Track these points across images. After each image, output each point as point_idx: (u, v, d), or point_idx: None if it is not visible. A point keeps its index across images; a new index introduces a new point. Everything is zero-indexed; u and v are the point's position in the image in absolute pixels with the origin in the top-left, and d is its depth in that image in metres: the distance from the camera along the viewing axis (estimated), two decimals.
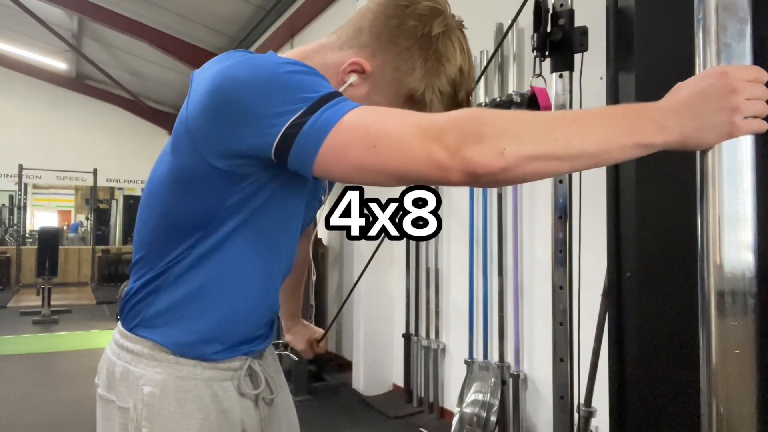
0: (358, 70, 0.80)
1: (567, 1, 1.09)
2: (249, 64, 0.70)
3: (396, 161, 0.63)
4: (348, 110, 0.65)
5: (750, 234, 0.63)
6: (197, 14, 6.16)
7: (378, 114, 0.67)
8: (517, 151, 0.60)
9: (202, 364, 0.86)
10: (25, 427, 3.25)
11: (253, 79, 0.68)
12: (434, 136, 0.62)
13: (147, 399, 0.82)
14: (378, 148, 0.64)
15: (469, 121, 0.62)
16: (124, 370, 0.85)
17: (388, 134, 0.64)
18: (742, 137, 0.63)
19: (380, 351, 3.92)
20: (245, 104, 0.68)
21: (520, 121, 0.62)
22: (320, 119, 0.65)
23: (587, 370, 1.47)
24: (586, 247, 1.32)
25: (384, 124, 0.65)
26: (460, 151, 0.60)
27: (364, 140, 0.64)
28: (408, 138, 0.63)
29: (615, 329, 0.95)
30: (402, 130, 0.63)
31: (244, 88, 0.68)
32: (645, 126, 0.61)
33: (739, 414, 0.63)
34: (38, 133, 10.20)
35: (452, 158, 0.61)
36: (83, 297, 8.63)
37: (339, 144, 0.65)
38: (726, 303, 0.63)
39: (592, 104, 1.23)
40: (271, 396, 0.96)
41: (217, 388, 0.87)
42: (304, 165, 0.68)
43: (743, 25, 0.64)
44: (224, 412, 0.87)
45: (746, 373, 0.63)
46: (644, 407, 0.91)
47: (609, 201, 0.96)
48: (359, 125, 0.65)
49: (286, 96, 0.67)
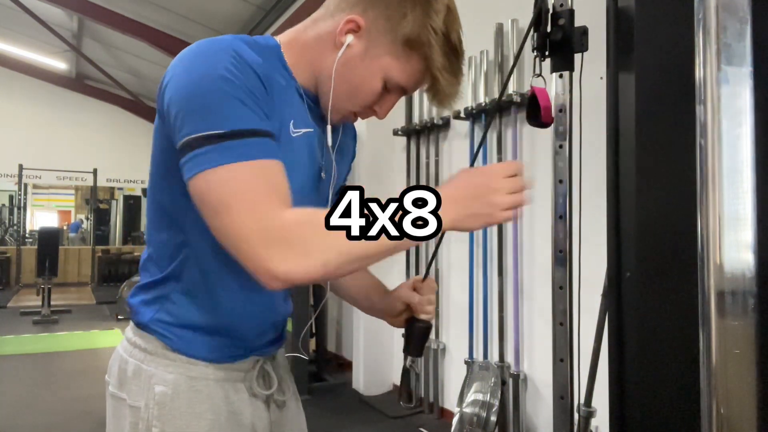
0: (353, 29, 0.81)
1: (567, 1, 1.09)
2: (188, 74, 0.74)
3: (230, 239, 0.71)
4: (220, 164, 0.70)
5: (750, 234, 0.63)
6: (197, 14, 6.16)
7: (234, 187, 0.70)
8: (326, 261, 0.71)
9: (214, 364, 0.86)
10: (25, 427, 3.25)
11: (185, 86, 0.73)
12: (270, 242, 0.69)
13: (158, 398, 0.82)
14: (220, 216, 0.71)
15: (300, 235, 0.71)
16: (136, 368, 0.85)
17: (230, 208, 0.70)
18: (743, 133, 0.63)
19: (380, 351, 3.92)
20: (178, 105, 0.73)
21: (328, 235, 0.71)
22: (199, 157, 0.71)
23: (587, 370, 1.47)
24: (586, 247, 1.32)
25: (234, 201, 0.70)
26: (285, 269, 0.69)
27: (212, 205, 0.71)
28: (247, 233, 0.70)
29: (615, 329, 0.95)
30: (245, 222, 0.70)
31: (178, 94, 0.74)
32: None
33: (739, 414, 0.63)
34: (38, 133, 10.20)
35: (276, 274, 0.69)
36: (83, 297, 8.63)
37: (199, 189, 0.72)
38: (726, 303, 0.63)
39: (592, 104, 1.23)
40: (282, 398, 0.95)
41: (229, 388, 0.87)
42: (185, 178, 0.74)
43: (743, 25, 0.64)
44: (235, 414, 0.87)
45: (746, 373, 0.63)
46: (644, 407, 0.91)
47: (609, 201, 0.96)
48: (212, 190, 0.71)
49: (199, 113, 0.72)
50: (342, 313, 4.56)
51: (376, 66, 0.82)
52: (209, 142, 0.70)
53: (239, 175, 0.70)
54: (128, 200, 11.18)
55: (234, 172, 0.70)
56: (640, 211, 0.92)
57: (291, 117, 0.82)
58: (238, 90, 0.72)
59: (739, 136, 0.64)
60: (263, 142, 0.73)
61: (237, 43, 0.77)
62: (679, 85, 0.86)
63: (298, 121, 0.84)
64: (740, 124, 0.65)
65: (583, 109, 1.17)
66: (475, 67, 3.16)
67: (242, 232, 0.70)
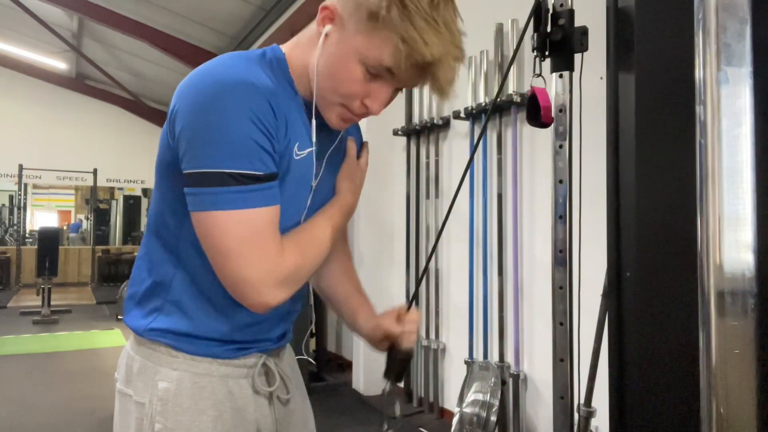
0: (328, 16, 0.79)
1: (567, 1, 1.09)
2: (204, 105, 0.73)
3: (233, 280, 0.77)
4: (232, 209, 0.73)
5: (750, 234, 0.63)
6: (197, 14, 6.16)
7: (243, 233, 0.75)
8: (303, 282, 0.86)
9: (217, 360, 0.87)
10: (25, 427, 3.24)
11: (192, 117, 0.74)
12: (273, 286, 0.77)
13: (162, 394, 0.83)
14: (224, 258, 0.76)
15: (297, 275, 0.81)
16: (142, 365, 0.86)
17: (235, 256, 0.75)
18: (743, 137, 0.63)
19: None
20: (190, 134, 0.74)
21: (313, 259, 0.84)
22: (209, 196, 0.73)
23: (587, 370, 1.47)
24: (586, 247, 1.32)
25: (241, 248, 0.75)
26: (279, 300, 0.79)
27: (217, 247, 0.75)
28: (253, 280, 0.76)
29: (615, 329, 0.95)
30: (252, 270, 0.76)
31: (193, 123, 0.74)
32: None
33: (739, 414, 0.63)
34: (38, 133, 10.20)
35: (270, 306, 0.79)
36: (83, 297, 8.63)
37: (205, 226, 0.76)
38: (726, 303, 0.63)
39: (592, 104, 1.23)
40: (286, 396, 0.95)
41: (233, 385, 0.88)
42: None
43: (743, 25, 0.64)
44: (239, 410, 0.88)
45: (746, 373, 0.63)
46: (644, 407, 0.91)
47: (609, 201, 0.96)
48: (221, 234, 0.74)
49: (213, 147, 0.73)
50: None
51: (350, 47, 0.77)
52: (221, 182, 0.72)
53: (251, 223, 0.74)
54: (128, 200, 11.18)
55: (245, 218, 0.74)
56: (640, 211, 0.92)
57: (296, 139, 0.82)
58: (254, 128, 0.73)
59: (739, 136, 0.64)
60: (271, 187, 0.76)
61: (251, 68, 0.78)
62: (679, 85, 0.86)
63: (302, 142, 0.84)
64: (740, 124, 0.65)
65: (583, 109, 1.17)
66: (475, 67, 3.16)
67: (250, 279, 0.75)
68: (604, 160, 0.97)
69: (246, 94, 0.73)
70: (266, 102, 0.75)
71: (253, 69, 0.78)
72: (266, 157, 0.75)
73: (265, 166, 0.74)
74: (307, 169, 0.86)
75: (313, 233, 0.86)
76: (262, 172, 0.74)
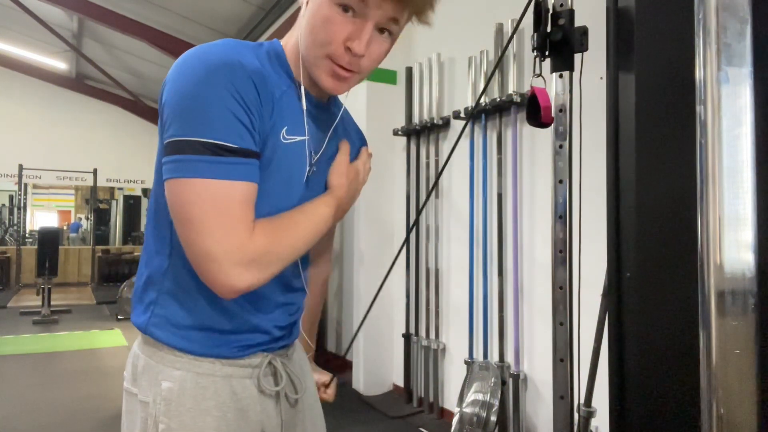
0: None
1: (567, 1, 1.09)
2: (187, 77, 0.75)
3: (197, 254, 0.75)
4: (203, 177, 0.73)
5: (750, 234, 0.63)
6: (197, 14, 6.16)
7: (213, 205, 0.73)
8: (277, 269, 0.80)
9: (221, 360, 0.86)
10: (24, 427, 3.24)
11: (182, 88, 0.75)
12: (240, 265, 0.74)
13: (165, 394, 0.83)
14: (191, 228, 0.74)
15: (266, 256, 0.77)
16: (146, 363, 0.86)
17: (201, 226, 0.73)
18: (743, 133, 0.63)
19: (380, 351, 3.92)
20: (171, 106, 0.76)
21: (287, 246, 0.80)
22: (183, 162, 0.73)
23: (587, 370, 1.47)
24: (586, 247, 1.32)
25: (208, 219, 0.73)
26: (247, 284, 0.76)
27: (185, 215, 0.74)
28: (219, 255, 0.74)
29: (615, 329, 0.95)
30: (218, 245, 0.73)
31: (175, 95, 0.76)
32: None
33: (739, 414, 0.63)
34: (38, 133, 10.19)
35: (237, 290, 0.76)
36: (83, 297, 8.63)
37: (176, 194, 0.75)
38: (726, 303, 0.63)
39: (592, 104, 1.23)
40: (295, 396, 0.95)
41: (237, 385, 0.87)
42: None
43: (743, 25, 0.64)
44: (243, 411, 0.87)
45: (746, 373, 0.63)
46: (644, 407, 0.91)
47: (609, 201, 0.96)
48: (187, 202, 0.74)
49: (191, 117, 0.74)
50: (342, 313, 4.56)
51: (328, 8, 0.78)
52: (195, 150, 0.72)
53: (219, 195, 0.73)
54: (128, 200, 11.17)
55: (215, 189, 0.73)
56: (640, 211, 0.92)
57: (285, 123, 0.83)
58: (234, 103, 0.74)
59: (739, 136, 0.64)
60: (248, 163, 0.76)
61: (239, 48, 0.78)
62: (679, 85, 0.86)
63: (292, 128, 0.84)
64: (740, 124, 0.64)
65: (583, 109, 1.17)
66: (475, 67, 3.16)
67: (214, 254, 0.73)
68: (604, 160, 0.97)
69: (229, 72, 0.74)
70: (249, 80, 0.76)
71: (242, 52, 0.79)
72: (244, 131, 0.75)
73: (241, 140, 0.74)
74: (298, 156, 0.86)
75: (292, 219, 0.83)
76: (237, 145, 0.74)
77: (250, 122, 0.76)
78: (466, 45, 3.28)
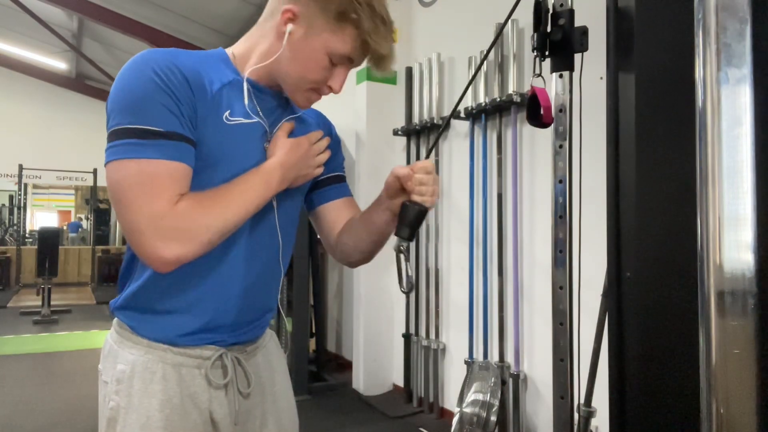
0: (290, 18, 0.91)
1: (567, 1, 1.09)
2: (123, 77, 0.84)
3: (126, 229, 0.83)
4: (130, 158, 0.81)
5: (750, 234, 0.63)
6: (197, 14, 6.16)
7: (138, 180, 0.81)
8: (206, 240, 0.85)
9: (173, 349, 0.94)
10: (25, 427, 3.24)
11: (117, 86, 0.84)
12: (162, 234, 0.81)
13: (118, 375, 0.93)
14: (120, 205, 0.82)
15: (188, 223, 0.83)
16: (110, 348, 0.97)
17: (128, 201, 0.81)
18: (743, 133, 0.63)
19: (380, 351, 3.92)
20: (110, 103, 0.84)
21: (215, 215, 0.86)
22: (115, 147, 0.81)
23: (587, 370, 1.47)
24: (586, 247, 1.32)
25: (133, 195, 0.81)
26: (176, 255, 0.83)
27: (115, 194, 0.82)
28: (142, 226, 0.81)
29: (615, 329, 0.95)
30: (141, 216, 0.81)
31: (112, 93, 0.84)
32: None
33: (739, 414, 0.63)
34: (38, 133, 10.19)
35: (168, 261, 0.83)
36: (83, 297, 8.63)
37: (109, 176, 0.83)
38: (726, 303, 0.63)
39: (592, 104, 1.23)
40: (247, 390, 1.00)
41: (186, 373, 0.94)
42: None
43: (743, 25, 0.64)
44: (191, 397, 0.94)
45: (746, 373, 0.63)
46: (644, 407, 0.91)
47: (609, 201, 0.96)
48: (118, 181, 0.82)
49: (124, 108, 0.82)
50: (342, 313, 4.56)
51: (318, 43, 0.90)
52: (126, 136, 0.81)
53: (144, 171, 0.81)
54: None
55: (141, 167, 0.81)
56: (640, 211, 0.92)
57: (228, 108, 0.91)
58: (162, 93, 0.82)
59: (739, 136, 0.64)
60: (175, 145, 0.83)
61: (174, 51, 0.88)
62: (679, 85, 0.86)
63: (236, 112, 0.92)
64: (740, 124, 0.64)
65: (583, 109, 1.17)
66: (474, 67, 3.16)
67: (138, 225, 0.81)
68: (604, 160, 0.97)
69: (158, 65, 0.83)
70: (179, 72, 0.84)
71: (178, 55, 0.88)
72: (170, 116, 0.82)
73: (166, 124, 0.82)
74: (247, 135, 0.94)
75: (222, 189, 0.89)
76: (163, 128, 0.82)
77: (178, 109, 0.83)
78: (466, 45, 3.27)
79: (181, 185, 0.84)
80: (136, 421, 0.91)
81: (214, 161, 0.90)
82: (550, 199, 1.13)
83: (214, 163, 0.90)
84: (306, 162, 1.00)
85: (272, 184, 0.94)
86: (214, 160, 0.90)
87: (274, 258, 1.02)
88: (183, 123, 0.84)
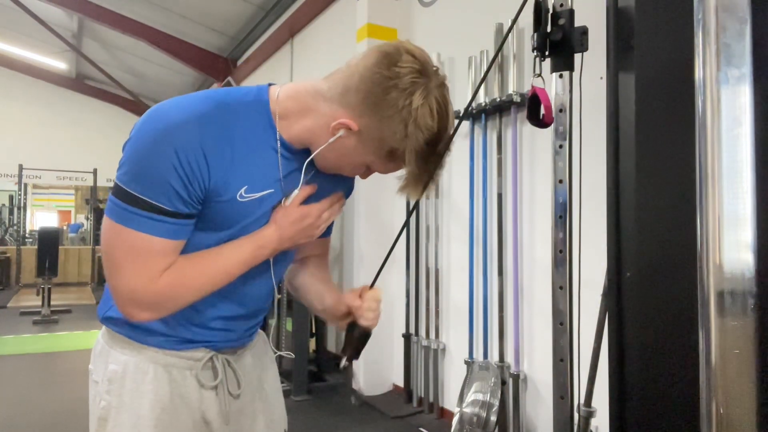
0: (345, 126, 0.88)
1: (567, 1, 1.09)
2: (145, 136, 0.84)
3: (110, 286, 0.89)
4: (131, 228, 0.84)
5: (750, 234, 0.63)
6: (197, 14, 6.16)
7: (132, 251, 0.85)
8: (180, 308, 0.91)
9: (164, 351, 0.96)
10: (25, 427, 3.25)
11: (134, 145, 0.85)
12: (136, 306, 0.87)
13: (110, 375, 0.95)
14: (110, 264, 0.87)
15: (162, 302, 0.88)
16: (102, 348, 0.99)
17: (116, 266, 0.86)
18: (743, 133, 0.63)
19: (380, 351, 3.92)
20: (126, 153, 0.86)
21: (191, 289, 0.90)
22: (119, 208, 0.84)
23: (587, 370, 1.47)
24: (586, 247, 1.32)
25: (125, 262, 0.86)
26: (144, 319, 0.89)
27: (109, 252, 0.86)
28: (123, 293, 0.87)
29: (615, 329, 0.95)
30: (125, 284, 0.86)
31: (131, 147, 0.85)
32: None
33: (739, 414, 0.63)
34: (38, 133, 10.20)
35: (137, 320, 0.90)
36: (83, 297, 8.63)
37: (106, 229, 0.87)
38: (726, 303, 0.63)
39: (592, 104, 1.23)
40: (238, 391, 1.02)
41: (177, 374, 0.96)
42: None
43: (743, 25, 0.64)
44: (182, 397, 0.96)
45: (746, 373, 0.63)
46: (644, 407, 0.91)
47: (609, 201, 0.96)
48: (110, 239, 0.86)
49: (136, 171, 0.84)
50: None
51: (361, 159, 0.90)
52: (131, 203, 0.83)
53: (136, 245, 0.84)
54: None
55: (137, 240, 0.84)
56: (640, 211, 0.92)
57: (246, 182, 0.89)
58: (176, 177, 0.82)
59: (739, 136, 0.64)
60: (175, 223, 0.85)
61: (205, 115, 0.85)
62: (679, 85, 0.86)
63: (255, 184, 0.90)
64: (740, 124, 0.64)
65: (583, 109, 1.17)
66: (474, 67, 3.16)
67: (118, 287, 0.86)
68: (604, 160, 0.97)
69: (181, 146, 0.82)
70: (200, 151, 0.83)
71: (208, 118, 0.85)
72: (176, 198, 0.84)
73: (171, 204, 0.84)
74: (259, 205, 0.92)
75: (208, 261, 0.91)
76: (168, 207, 0.84)
77: (187, 192, 0.84)
78: (466, 45, 3.27)
79: (170, 259, 0.87)
80: (127, 420, 0.92)
81: (216, 227, 0.91)
82: (550, 199, 1.13)
83: (217, 228, 0.91)
84: (307, 232, 0.98)
85: (264, 253, 0.94)
86: (216, 226, 0.91)
87: (266, 290, 1.03)
88: (189, 204, 0.85)
